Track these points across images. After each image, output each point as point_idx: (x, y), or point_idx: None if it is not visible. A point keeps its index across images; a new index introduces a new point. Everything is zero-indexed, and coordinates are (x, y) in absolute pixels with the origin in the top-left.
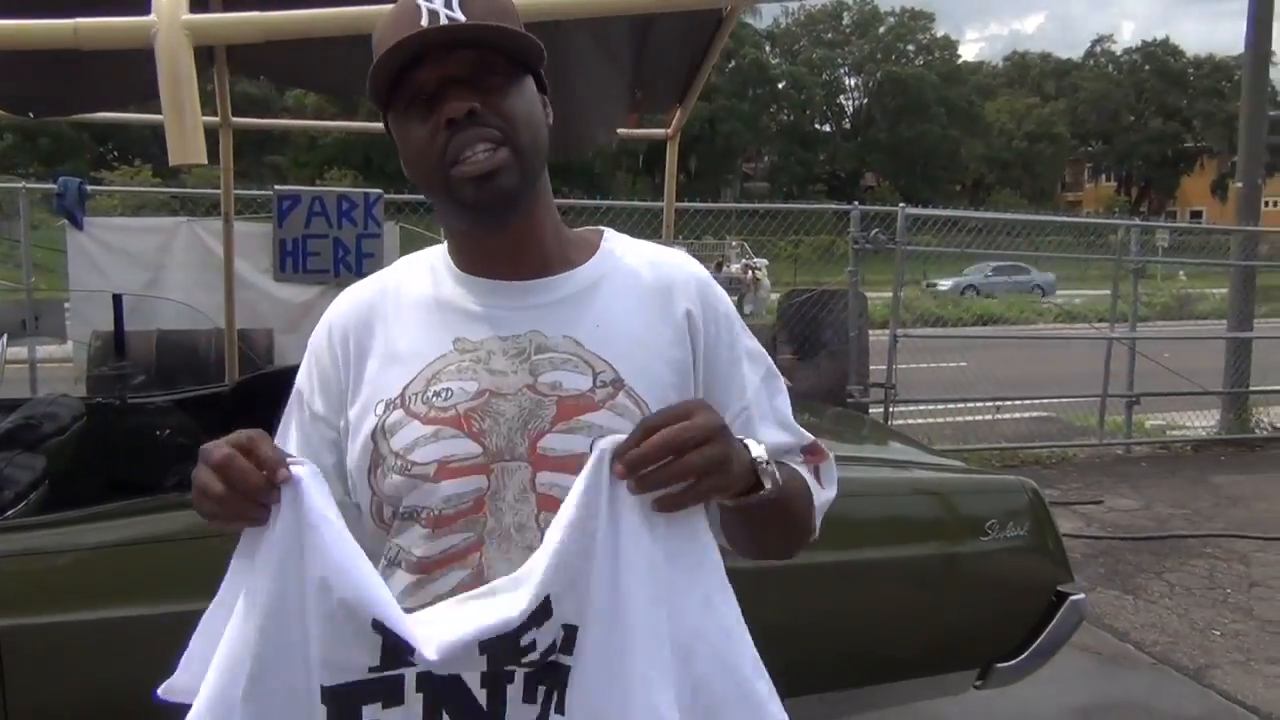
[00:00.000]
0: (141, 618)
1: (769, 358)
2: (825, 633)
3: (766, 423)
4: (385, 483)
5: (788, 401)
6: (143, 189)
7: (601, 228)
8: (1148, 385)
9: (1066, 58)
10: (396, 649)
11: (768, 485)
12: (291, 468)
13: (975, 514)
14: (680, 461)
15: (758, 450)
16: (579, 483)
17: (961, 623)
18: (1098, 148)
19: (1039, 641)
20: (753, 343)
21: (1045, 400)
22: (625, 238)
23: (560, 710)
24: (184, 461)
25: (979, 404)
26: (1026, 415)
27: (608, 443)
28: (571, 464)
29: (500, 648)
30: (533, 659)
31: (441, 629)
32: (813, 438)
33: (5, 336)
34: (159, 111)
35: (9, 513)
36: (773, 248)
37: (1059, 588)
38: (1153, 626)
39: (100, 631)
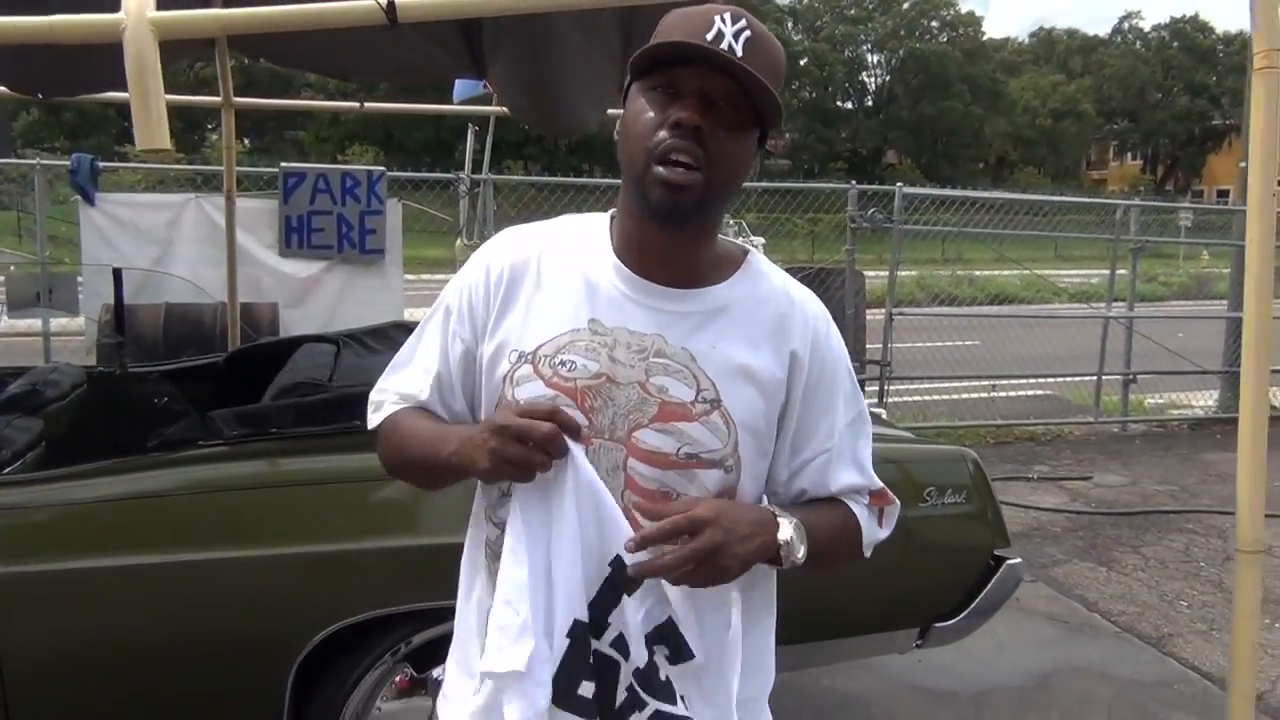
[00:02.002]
0: (124, 567)
1: (863, 400)
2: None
3: (844, 463)
4: None
5: (869, 444)
6: (163, 165)
7: (748, 247)
8: (1150, 365)
9: (1093, 34)
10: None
11: (785, 565)
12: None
13: (915, 481)
14: (678, 554)
15: (784, 534)
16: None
17: (902, 584)
18: (1124, 125)
19: (976, 602)
20: (851, 385)
21: (1045, 379)
22: (766, 263)
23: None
24: (174, 425)
25: (977, 381)
26: (1025, 393)
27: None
28: (659, 459)
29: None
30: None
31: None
32: (881, 484)
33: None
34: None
35: (5, 471)
36: (789, 225)
37: (996, 552)
38: (1122, 598)
39: (86, 580)
